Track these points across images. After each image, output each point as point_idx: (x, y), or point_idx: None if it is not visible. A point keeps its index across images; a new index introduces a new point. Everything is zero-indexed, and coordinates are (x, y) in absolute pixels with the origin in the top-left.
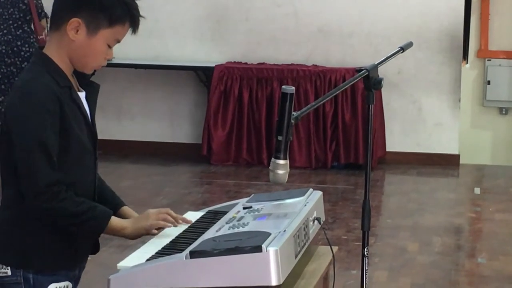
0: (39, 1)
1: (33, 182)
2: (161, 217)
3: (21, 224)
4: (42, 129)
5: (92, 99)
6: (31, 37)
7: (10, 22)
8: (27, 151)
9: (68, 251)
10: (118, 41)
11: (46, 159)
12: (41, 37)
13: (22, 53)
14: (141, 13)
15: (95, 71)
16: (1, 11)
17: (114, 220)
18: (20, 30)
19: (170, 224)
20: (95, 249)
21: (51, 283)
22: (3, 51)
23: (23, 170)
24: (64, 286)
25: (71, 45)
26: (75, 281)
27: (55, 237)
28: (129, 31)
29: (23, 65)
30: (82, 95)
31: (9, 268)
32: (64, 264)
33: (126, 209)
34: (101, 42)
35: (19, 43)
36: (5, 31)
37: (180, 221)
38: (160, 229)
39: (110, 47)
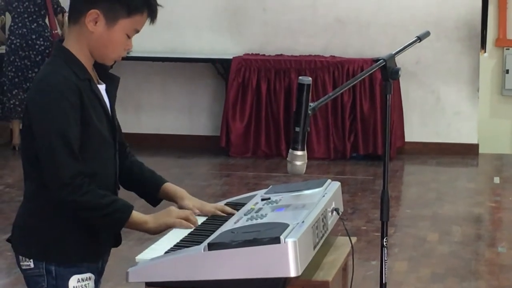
0: None
1: (56, 174)
2: (183, 215)
3: (43, 217)
4: (63, 121)
5: (112, 92)
6: (46, 31)
7: (25, 15)
8: (49, 143)
9: (90, 243)
10: (137, 31)
11: (68, 150)
12: (55, 31)
13: (37, 46)
14: (158, 2)
15: (114, 63)
16: (16, 4)
17: (136, 214)
18: (35, 24)
19: (192, 226)
20: (117, 242)
21: (73, 274)
22: (18, 44)
23: (45, 163)
24: (87, 277)
25: (90, 37)
26: (98, 274)
27: (77, 229)
28: (147, 21)
29: (37, 59)
30: (102, 87)
31: (31, 260)
32: (86, 256)
33: (169, 185)
34: (120, 33)
35: (33, 36)
36: (20, 25)
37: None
38: None
39: (129, 37)
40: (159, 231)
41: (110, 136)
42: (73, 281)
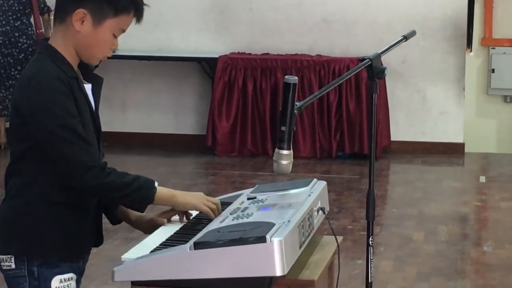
0: None
1: (77, 162)
2: (211, 205)
3: (28, 214)
4: (66, 113)
5: (96, 92)
6: (30, 29)
7: (9, 13)
8: (60, 135)
9: (72, 242)
10: (123, 31)
11: (80, 137)
12: (40, 31)
13: (20, 44)
14: (144, 2)
15: (99, 63)
16: (1, 2)
17: (161, 188)
18: (19, 22)
19: (213, 217)
20: (98, 242)
21: (55, 275)
22: (1, 41)
23: (61, 156)
24: (69, 278)
25: (77, 36)
26: (79, 273)
27: (61, 227)
28: (133, 21)
29: (20, 57)
30: (88, 87)
31: (13, 261)
32: (69, 255)
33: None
34: (107, 32)
35: (16, 34)
36: (3, 22)
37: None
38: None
39: (115, 36)
40: (183, 208)
41: (95, 136)
42: (56, 281)
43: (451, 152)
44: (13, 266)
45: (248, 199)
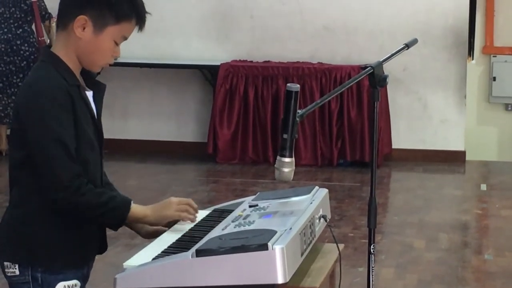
0: (42, 3)
1: (55, 178)
2: (183, 208)
3: (31, 222)
4: (58, 125)
5: (98, 99)
6: (31, 36)
7: (11, 21)
8: (46, 149)
9: (77, 249)
10: (125, 39)
11: (65, 153)
12: (42, 38)
13: (22, 52)
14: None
15: (101, 70)
16: (3, 10)
17: (136, 208)
18: (20, 30)
19: (191, 217)
20: (102, 249)
21: (59, 281)
22: (2, 49)
23: (43, 168)
24: (73, 284)
25: (78, 43)
26: (83, 280)
27: (64, 235)
28: (135, 29)
29: (22, 64)
30: (89, 94)
31: (17, 267)
32: (72, 262)
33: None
34: (108, 39)
35: (18, 42)
36: (5, 30)
37: (197, 215)
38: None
39: (117, 44)
40: (159, 224)
41: (97, 143)
42: None
43: (452, 160)
44: (17, 272)
45: (250, 206)
